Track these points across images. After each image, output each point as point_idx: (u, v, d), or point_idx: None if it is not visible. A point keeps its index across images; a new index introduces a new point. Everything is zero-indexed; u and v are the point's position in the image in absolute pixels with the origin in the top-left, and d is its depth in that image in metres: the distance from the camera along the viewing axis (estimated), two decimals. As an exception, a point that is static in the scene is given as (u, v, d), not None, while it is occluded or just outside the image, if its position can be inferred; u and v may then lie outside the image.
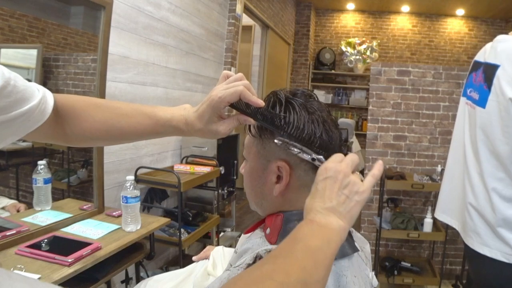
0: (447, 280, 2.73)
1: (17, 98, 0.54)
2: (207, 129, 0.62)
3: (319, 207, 0.51)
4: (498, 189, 1.23)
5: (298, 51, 6.16)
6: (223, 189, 2.66)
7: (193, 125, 0.63)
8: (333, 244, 0.48)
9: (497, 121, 1.21)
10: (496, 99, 1.21)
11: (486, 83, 1.26)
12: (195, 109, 0.63)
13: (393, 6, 5.98)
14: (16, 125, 0.55)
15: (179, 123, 0.64)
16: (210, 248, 1.15)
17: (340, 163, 0.54)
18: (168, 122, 0.65)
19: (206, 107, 0.61)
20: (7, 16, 1.37)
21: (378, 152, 2.87)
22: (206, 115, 0.61)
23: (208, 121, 0.62)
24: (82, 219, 1.57)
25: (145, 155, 2.30)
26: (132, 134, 0.67)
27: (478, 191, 1.30)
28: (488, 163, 1.25)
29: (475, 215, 1.31)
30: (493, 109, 1.22)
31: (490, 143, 1.24)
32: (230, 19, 3.35)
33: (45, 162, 1.51)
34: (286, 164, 0.63)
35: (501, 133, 1.20)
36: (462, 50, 6.15)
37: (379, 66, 2.84)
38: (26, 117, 0.56)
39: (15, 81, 0.53)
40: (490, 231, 1.26)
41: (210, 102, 0.60)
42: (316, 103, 0.66)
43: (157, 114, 0.65)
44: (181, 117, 0.64)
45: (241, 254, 0.68)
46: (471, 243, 1.32)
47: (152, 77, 2.30)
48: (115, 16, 1.81)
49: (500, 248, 1.24)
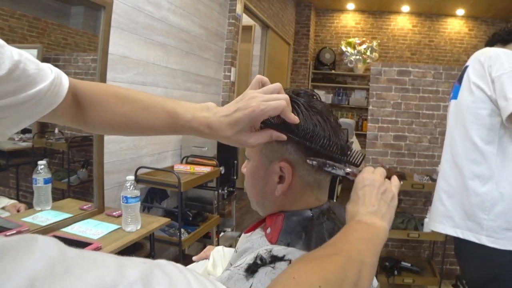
0: (447, 280, 2.73)
1: (27, 82, 0.52)
2: (236, 138, 0.57)
3: (363, 211, 0.56)
4: (471, 168, 1.33)
5: (298, 51, 6.16)
6: (223, 189, 2.66)
7: (220, 131, 0.57)
8: (380, 238, 0.54)
9: (468, 107, 1.36)
10: (467, 88, 1.38)
11: (458, 81, 1.47)
12: (225, 113, 0.57)
13: (393, 6, 5.98)
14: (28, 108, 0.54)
15: (200, 125, 0.59)
16: (210, 248, 1.15)
17: (374, 173, 0.61)
18: (188, 123, 0.60)
19: (244, 117, 0.55)
20: (7, 16, 1.37)
21: (378, 152, 2.87)
22: (240, 124, 0.56)
23: (240, 130, 0.56)
24: (82, 219, 1.57)
25: (145, 155, 2.30)
26: (150, 130, 0.64)
27: (448, 175, 1.41)
28: (462, 146, 1.36)
29: (446, 199, 1.40)
30: (464, 98, 1.38)
31: (463, 128, 1.37)
32: (230, 19, 3.35)
33: (45, 162, 1.51)
34: (289, 164, 0.63)
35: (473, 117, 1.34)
36: (462, 50, 6.15)
37: (379, 66, 2.84)
38: (37, 99, 0.54)
39: (25, 64, 0.52)
40: (463, 212, 1.33)
41: (251, 112, 0.55)
42: (319, 103, 0.66)
43: (177, 112, 0.60)
44: (203, 119, 0.58)
45: (241, 254, 0.68)
46: (442, 228, 1.40)
47: (152, 77, 2.30)
48: (115, 16, 1.81)
49: (471, 228, 1.30)
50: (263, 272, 0.58)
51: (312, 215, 0.65)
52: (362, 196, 0.58)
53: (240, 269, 0.60)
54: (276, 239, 0.64)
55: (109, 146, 1.95)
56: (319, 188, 0.67)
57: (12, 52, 0.51)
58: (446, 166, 1.44)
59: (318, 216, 0.65)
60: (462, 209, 1.34)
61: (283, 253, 0.60)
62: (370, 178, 0.60)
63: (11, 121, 0.54)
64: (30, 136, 1.60)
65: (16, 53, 0.51)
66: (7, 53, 0.50)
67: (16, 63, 0.51)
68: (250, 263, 0.60)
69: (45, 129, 1.67)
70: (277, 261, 0.59)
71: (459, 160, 1.36)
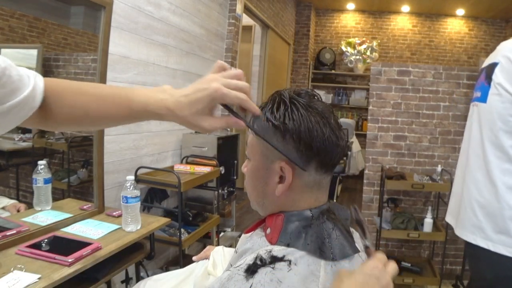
0: (447, 280, 2.73)
1: (12, 88, 0.52)
2: (193, 119, 0.57)
3: None
4: (504, 180, 1.26)
5: (298, 51, 6.16)
6: (223, 189, 2.66)
7: (177, 111, 0.57)
8: None
9: (498, 113, 1.26)
10: (496, 92, 1.27)
11: (486, 80, 1.33)
12: (184, 93, 0.57)
13: (393, 6, 5.98)
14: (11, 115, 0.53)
15: (157, 107, 0.58)
16: (210, 248, 1.15)
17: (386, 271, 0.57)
18: (144, 107, 0.59)
19: (203, 97, 0.56)
20: (7, 16, 1.37)
21: (378, 152, 2.87)
22: (199, 104, 0.56)
23: (197, 111, 0.57)
24: (82, 219, 1.57)
25: (145, 155, 2.30)
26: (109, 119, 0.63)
27: (481, 185, 1.33)
28: (493, 156, 1.28)
29: (479, 210, 1.33)
30: (494, 103, 1.28)
31: (493, 135, 1.28)
32: (230, 19, 3.35)
33: (45, 162, 1.51)
34: (289, 164, 0.63)
35: (504, 124, 1.25)
36: (462, 50, 6.15)
37: (379, 66, 2.84)
38: (21, 106, 0.54)
39: (9, 71, 0.52)
40: (495, 224, 1.28)
41: (211, 93, 0.56)
42: (320, 103, 0.66)
43: (132, 99, 0.60)
44: (160, 100, 0.58)
45: (241, 254, 0.68)
46: (473, 238, 1.34)
47: (152, 77, 2.30)
48: (115, 16, 1.81)
49: (504, 241, 1.26)
50: (263, 272, 0.58)
51: (312, 216, 0.65)
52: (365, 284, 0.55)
53: (240, 269, 0.60)
54: (276, 239, 0.64)
55: (109, 146, 1.95)
56: (319, 189, 0.67)
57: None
58: (479, 174, 1.34)
59: (318, 216, 0.65)
60: (494, 222, 1.28)
61: (283, 253, 0.60)
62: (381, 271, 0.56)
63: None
64: (30, 136, 1.59)
65: (1, 60, 0.51)
66: None
67: (3, 70, 0.50)
68: (250, 264, 0.60)
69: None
70: (277, 262, 0.59)
71: (491, 169, 1.28)
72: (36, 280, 1.06)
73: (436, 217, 2.70)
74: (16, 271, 1.09)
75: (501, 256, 1.26)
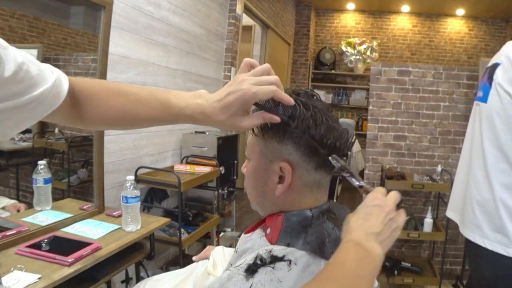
0: (447, 280, 2.73)
1: (30, 84, 0.53)
2: (230, 122, 0.58)
3: (365, 229, 0.56)
4: (501, 179, 1.27)
5: (298, 51, 6.16)
6: (223, 189, 2.66)
7: (214, 116, 0.58)
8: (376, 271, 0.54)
9: (498, 114, 1.27)
10: (496, 93, 1.28)
11: (488, 80, 1.35)
12: (217, 98, 0.59)
13: (393, 6, 5.98)
14: (30, 110, 0.54)
15: (194, 112, 0.60)
16: (210, 248, 1.15)
17: (387, 198, 0.60)
18: (182, 111, 0.60)
19: (235, 100, 0.57)
20: (7, 16, 1.37)
21: (378, 152, 2.87)
22: (232, 108, 0.57)
23: (233, 114, 0.58)
24: (82, 219, 1.57)
25: (145, 155, 2.30)
26: (146, 121, 0.64)
27: (480, 184, 1.35)
28: (492, 155, 1.30)
29: (477, 209, 1.35)
30: (494, 103, 1.29)
31: (493, 135, 1.30)
32: (230, 19, 3.35)
33: (45, 162, 1.51)
34: (289, 164, 0.63)
35: (502, 125, 1.26)
36: (462, 50, 6.15)
37: (379, 66, 2.84)
38: (40, 101, 0.54)
39: (27, 66, 0.52)
40: (492, 223, 1.30)
41: (242, 95, 0.56)
42: (318, 102, 0.66)
43: (170, 101, 0.61)
44: (197, 105, 0.59)
45: (241, 254, 0.68)
46: (473, 236, 1.36)
47: (152, 77, 2.30)
48: (115, 16, 1.81)
49: (500, 240, 1.27)
50: (263, 272, 0.58)
51: (312, 215, 0.65)
52: (369, 213, 0.57)
53: (240, 269, 0.60)
54: (276, 239, 0.64)
55: (109, 146, 1.95)
56: (319, 188, 0.67)
57: (15, 54, 0.51)
58: (478, 173, 1.36)
59: (318, 216, 0.65)
60: (491, 221, 1.29)
61: (283, 253, 0.60)
62: (382, 200, 0.59)
63: (13, 122, 0.54)
64: (30, 136, 1.60)
65: (19, 55, 0.52)
66: (11, 55, 0.50)
67: (20, 65, 0.51)
68: (250, 263, 0.60)
69: (45, 129, 1.67)
70: (277, 261, 0.59)
71: (489, 168, 1.30)
72: (36, 280, 1.06)
73: (436, 217, 2.70)
74: (16, 271, 1.09)
75: (499, 255, 1.27)
